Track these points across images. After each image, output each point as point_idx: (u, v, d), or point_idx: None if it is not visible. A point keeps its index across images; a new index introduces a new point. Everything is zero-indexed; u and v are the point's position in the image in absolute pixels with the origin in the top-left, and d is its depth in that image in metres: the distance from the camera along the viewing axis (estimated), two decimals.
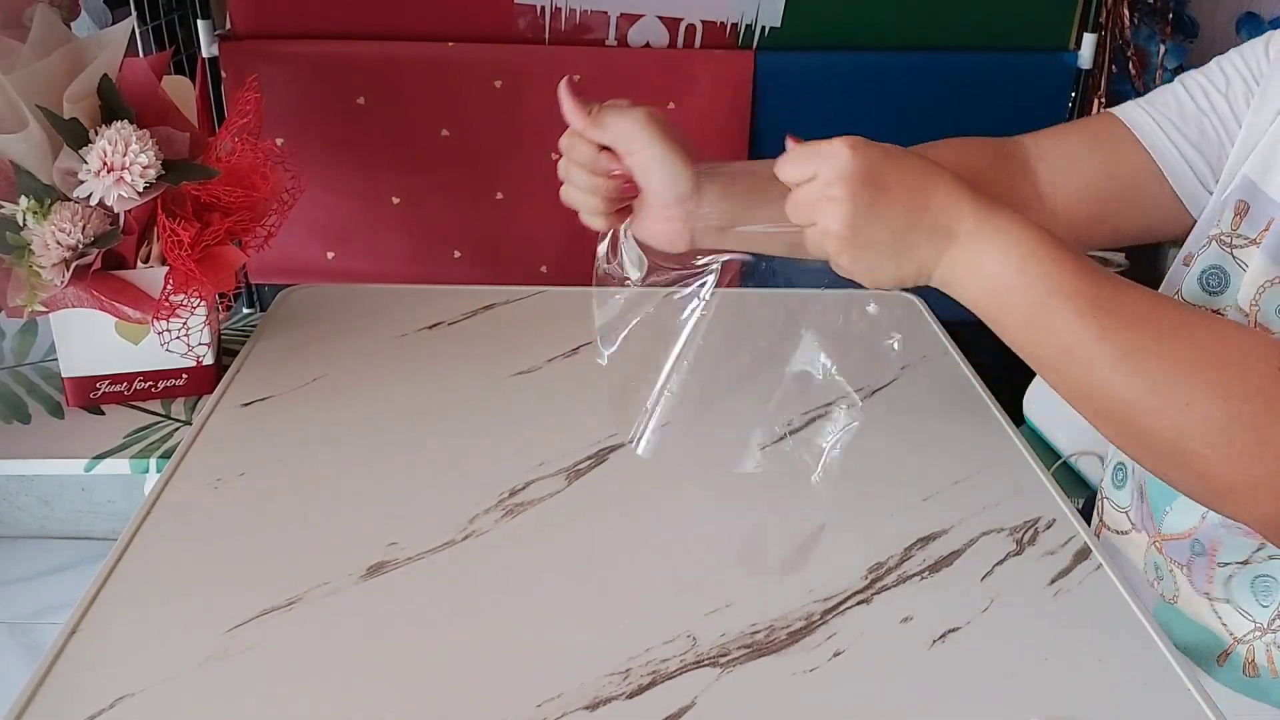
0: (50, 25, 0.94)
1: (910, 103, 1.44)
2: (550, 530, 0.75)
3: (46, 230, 0.86)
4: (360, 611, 0.67)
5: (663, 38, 1.41)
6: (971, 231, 0.61)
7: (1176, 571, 0.78)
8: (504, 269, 1.50)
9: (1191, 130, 0.77)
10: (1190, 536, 0.77)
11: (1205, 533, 0.75)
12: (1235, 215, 0.74)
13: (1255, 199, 0.72)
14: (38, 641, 1.68)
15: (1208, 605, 0.77)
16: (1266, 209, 0.71)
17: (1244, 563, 0.74)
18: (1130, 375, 0.58)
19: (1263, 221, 0.71)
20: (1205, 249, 0.76)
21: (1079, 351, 0.59)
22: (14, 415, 0.97)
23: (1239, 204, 0.74)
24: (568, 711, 0.60)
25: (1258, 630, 0.74)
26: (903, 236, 0.62)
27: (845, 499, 0.77)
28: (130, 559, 0.71)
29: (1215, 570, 0.75)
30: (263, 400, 0.90)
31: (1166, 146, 0.77)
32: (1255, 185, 0.73)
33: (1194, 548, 0.76)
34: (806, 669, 0.63)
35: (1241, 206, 0.73)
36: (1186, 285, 0.76)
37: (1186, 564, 0.77)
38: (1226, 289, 0.74)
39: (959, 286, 0.63)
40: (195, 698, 0.60)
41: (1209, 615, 0.77)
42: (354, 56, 1.39)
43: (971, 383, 0.97)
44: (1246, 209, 0.73)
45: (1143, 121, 0.78)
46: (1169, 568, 0.79)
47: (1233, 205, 0.74)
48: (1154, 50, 1.67)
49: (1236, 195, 0.74)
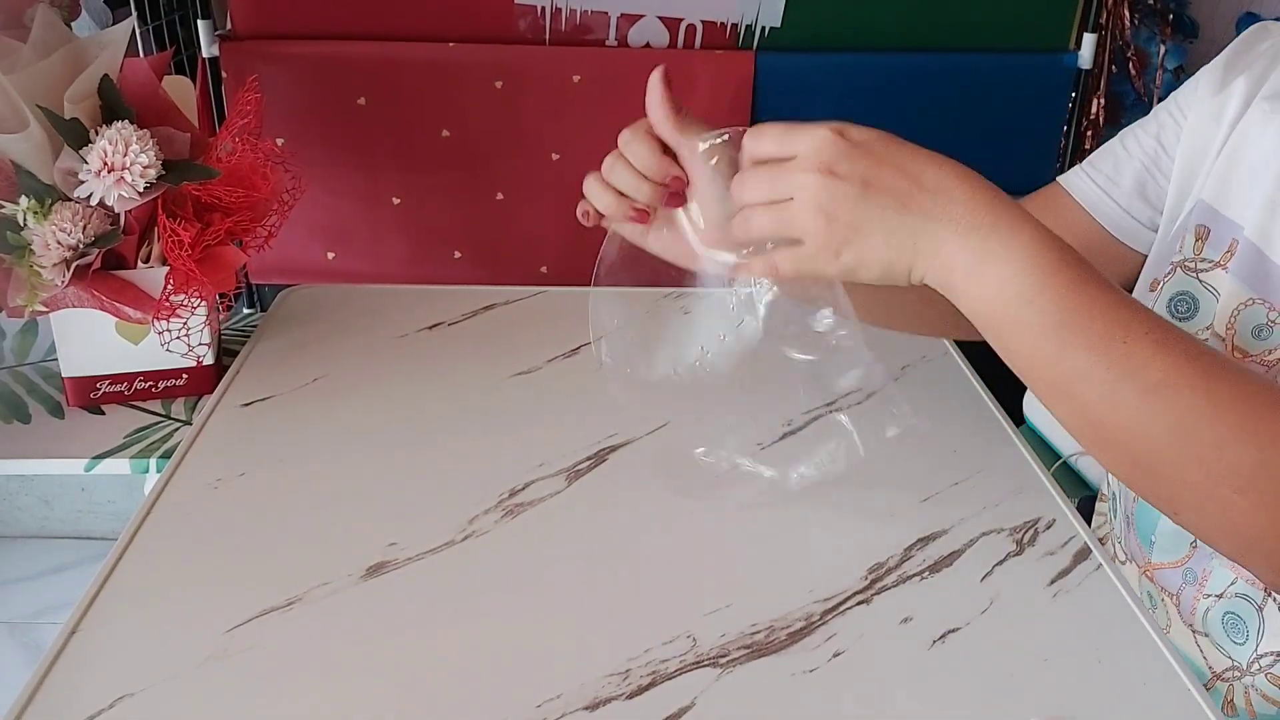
0: (51, 25, 0.94)
1: (910, 103, 1.44)
2: (550, 530, 0.75)
3: (47, 230, 0.86)
4: (360, 612, 0.67)
5: (663, 38, 1.41)
6: (983, 227, 0.55)
7: (1167, 601, 0.77)
8: (504, 269, 1.50)
9: (1126, 180, 0.79)
10: (1182, 565, 0.75)
11: (1197, 561, 0.74)
12: (1196, 240, 0.73)
13: (1215, 222, 0.72)
14: (38, 641, 1.68)
15: (1191, 637, 0.76)
16: (1227, 230, 0.71)
17: (1219, 596, 0.73)
18: (1158, 410, 0.53)
19: (1224, 244, 0.71)
20: (1170, 275, 0.75)
21: (1101, 378, 0.54)
22: (14, 415, 0.97)
23: (1199, 228, 0.73)
24: (567, 712, 0.60)
25: (1236, 670, 0.73)
26: (895, 220, 0.55)
27: (845, 499, 0.77)
28: (130, 559, 0.71)
29: (1199, 601, 0.74)
30: (263, 400, 0.90)
31: (1106, 204, 0.79)
32: (1213, 209, 0.73)
33: (1185, 576, 0.75)
34: (806, 669, 0.63)
35: (1202, 231, 0.73)
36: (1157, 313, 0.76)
37: (1176, 593, 0.76)
38: (1196, 314, 0.73)
39: (960, 289, 0.57)
40: (195, 698, 0.60)
41: (1193, 648, 0.76)
42: (354, 57, 1.39)
43: (971, 383, 0.97)
44: (1207, 233, 0.73)
45: (1083, 186, 0.81)
46: (1160, 597, 0.78)
47: (1193, 230, 0.74)
48: (1154, 51, 1.67)
49: (1195, 220, 0.74)
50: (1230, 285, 0.70)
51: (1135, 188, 0.79)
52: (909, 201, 0.56)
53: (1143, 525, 0.79)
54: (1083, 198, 0.81)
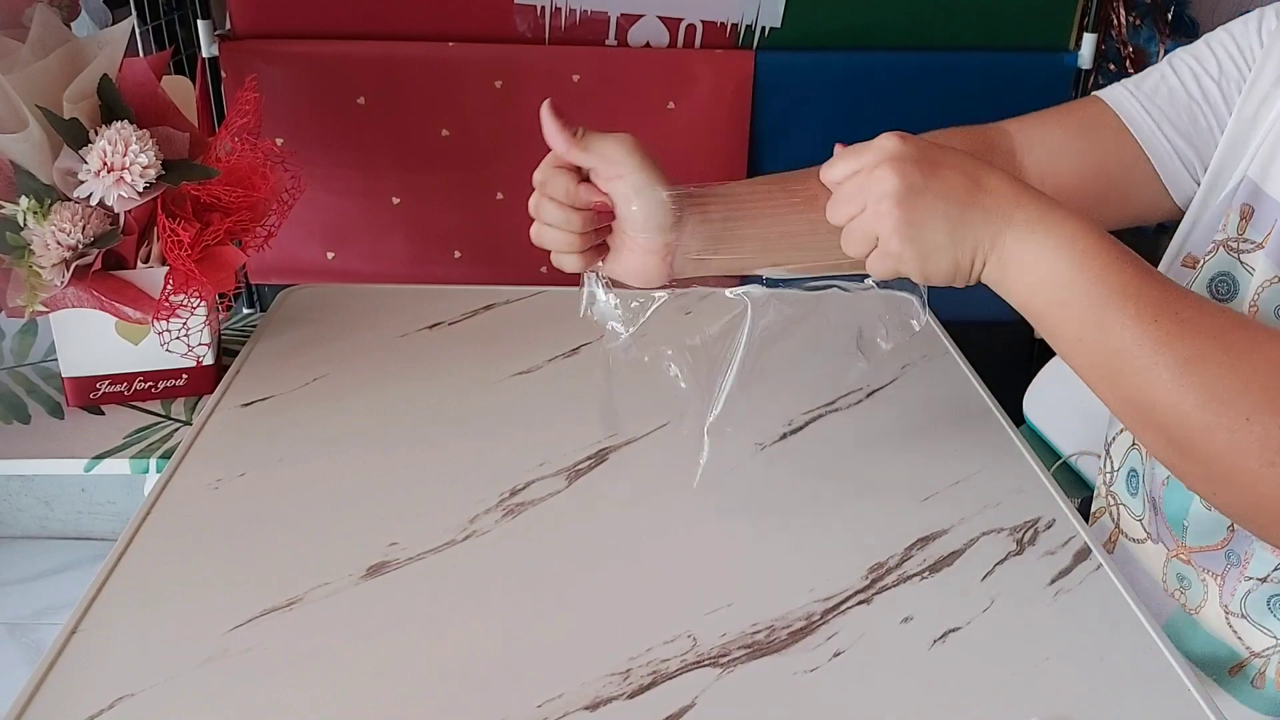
0: (50, 25, 0.94)
1: (910, 103, 1.44)
2: (550, 530, 0.75)
3: (46, 230, 0.86)
4: (360, 612, 0.67)
5: (663, 38, 1.41)
6: (1032, 220, 0.60)
7: (1210, 581, 0.76)
8: (504, 269, 1.50)
9: (1182, 119, 0.76)
10: (1223, 548, 0.75)
11: (1238, 543, 0.73)
12: (1241, 219, 0.72)
13: (1259, 202, 0.71)
14: (38, 641, 1.68)
15: (1224, 618, 0.75)
16: (1271, 212, 0.70)
17: (1263, 580, 0.73)
18: (1190, 384, 0.55)
19: (1268, 225, 0.71)
20: (1212, 255, 0.74)
21: (1137, 356, 0.57)
22: (14, 415, 0.97)
23: (1244, 208, 0.72)
24: (568, 711, 0.60)
25: (1278, 647, 0.73)
26: (959, 215, 0.60)
27: (845, 499, 0.77)
28: (130, 559, 0.71)
29: (1240, 584, 0.74)
30: (263, 400, 0.90)
31: (1156, 137, 0.76)
32: (1259, 188, 0.72)
33: (1229, 558, 0.74)
34: (807, 669, 0.63)
35: (1247, 210, 0.72)
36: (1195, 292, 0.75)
37: (1222, 574, 0.75)
38: (1237, 295, 0.72)
39: (1012, 280, 0.61)
40: (195, 698, 0.60)
41: (1224, 629, 0.75)
42: (354, 56, 1.39)
43: (971, 383, 0.97)
44: (1251, 213, 0.72)
45: (1132, 109, 0.77)
46: (1200, 578, 0.77)
47: (1238, 209, 0.73)
48: (1153, 50, 1.67)
49: (1241, 199, 0.73)
50: (1264, 264, 0.69)
51: (1188, 128, 0.75)
52: (971, 200, 0.60)
53: (1172, 510, 0.78)
54: (1133, 123, 0.77)
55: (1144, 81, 0.78)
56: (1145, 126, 0.76)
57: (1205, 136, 0.76)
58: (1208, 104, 0.75)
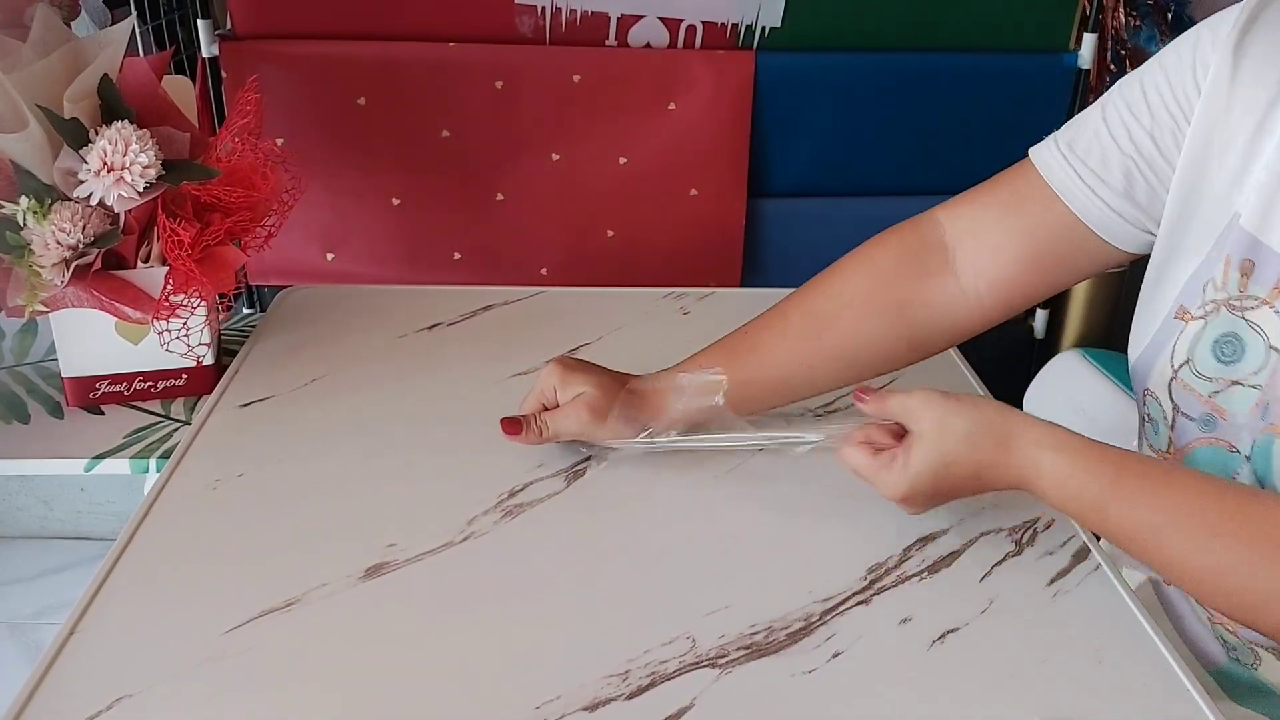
0: (50, 25, 0.94)
1: (910, 103, 1.44)
2: (549, 531, 0.75)
3: (46, 230, 0.86)
4: (359, 613, 0.67)
5: (663, 38, 1.40)
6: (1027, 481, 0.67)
7: (1260, 651, 0.74)
8: (504, 271, 1.50)
9: (1116, 180, 0.72)
10: None
11: None
12: (1241, 276, 0.68)
13: (1259, 254, 0.67)
14: (38, 641, 1.68)
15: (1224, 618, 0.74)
16: (1274, 264, 0.66)
17: None
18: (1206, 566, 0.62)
19: (1272, 279, 0.66)
20: (1214, 314, 0.69)
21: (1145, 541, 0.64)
22: (14, 415, 0.97)
23: (1244, 263, 0.68)
24: (567, 713, 0.60)
25: None
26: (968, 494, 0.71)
27: (845, 499, 0.77)
28: (129, 559, 0.71)
29: None
30: (262, 400, 0.90)
31: (1093, 202, 0.73)
32: (1257, 240, 0.67)
33: None
34: (805, 670, 0.63)
35: (1247, 266, 0.67)
36: (1199, 358, 0.70)
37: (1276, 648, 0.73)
38: (1243, 357, 0.68)
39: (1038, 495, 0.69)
40: (194, 698, 0.60)
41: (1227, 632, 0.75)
42: (354, 56, 1.39)
43: (971, 383, 0.97)
44: (1252, 268, 0.67)
45: (1063, 176, 0.74)
46: (1249, 648, 0.74)
47: (1237, 265, 0.68)
48: (1154, 50, 1.67)
49: (1239, 252, 0.68)
50: (1276, 323, 0.66)
51: (1124, 188, 0.72)
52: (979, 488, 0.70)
53: None
54: (1064, 191, 0.74)
55: (1077, 141, 0.74)
56: (1079, 194, 0.73)
57: (1148, 193, 0.72)
58: (1143, 159, 0.71)
